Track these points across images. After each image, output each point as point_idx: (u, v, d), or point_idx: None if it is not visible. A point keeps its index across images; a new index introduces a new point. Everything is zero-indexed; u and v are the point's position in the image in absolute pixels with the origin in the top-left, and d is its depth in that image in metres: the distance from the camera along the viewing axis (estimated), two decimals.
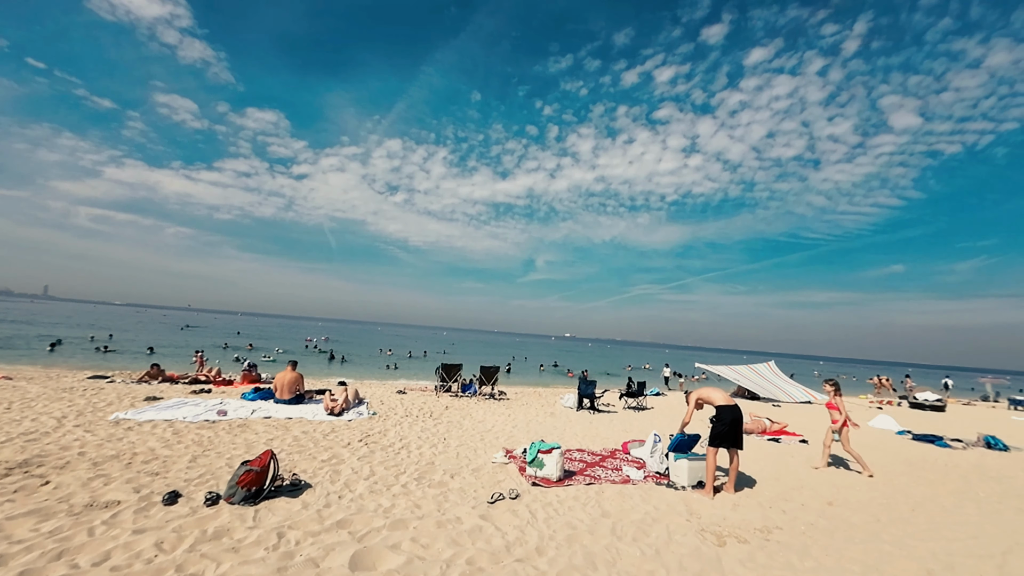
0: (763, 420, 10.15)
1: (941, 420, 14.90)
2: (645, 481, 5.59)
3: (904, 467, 7.40)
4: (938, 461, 8.01)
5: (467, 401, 11.62)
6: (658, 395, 16.83)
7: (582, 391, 11.19)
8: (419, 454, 6.19)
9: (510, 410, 10.78)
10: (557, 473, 5.30)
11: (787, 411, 14.61)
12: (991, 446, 9.90)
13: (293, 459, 5.53)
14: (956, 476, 6.97)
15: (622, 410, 12.14)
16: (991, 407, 20.98)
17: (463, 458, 6.15)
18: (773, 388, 18.40)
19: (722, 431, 5.23)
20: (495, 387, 12.70)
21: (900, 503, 5.39)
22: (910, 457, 8.24)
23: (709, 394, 5.56)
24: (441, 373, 12.20)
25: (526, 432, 8.33)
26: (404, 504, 4.29)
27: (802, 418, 12.91)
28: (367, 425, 7.82)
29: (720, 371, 19.62)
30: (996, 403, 22.70)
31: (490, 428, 8.42)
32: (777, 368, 20.25)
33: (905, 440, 10.31)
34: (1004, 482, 6.76)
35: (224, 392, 10.25)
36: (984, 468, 7.68)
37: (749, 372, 19.64)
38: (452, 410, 10.15)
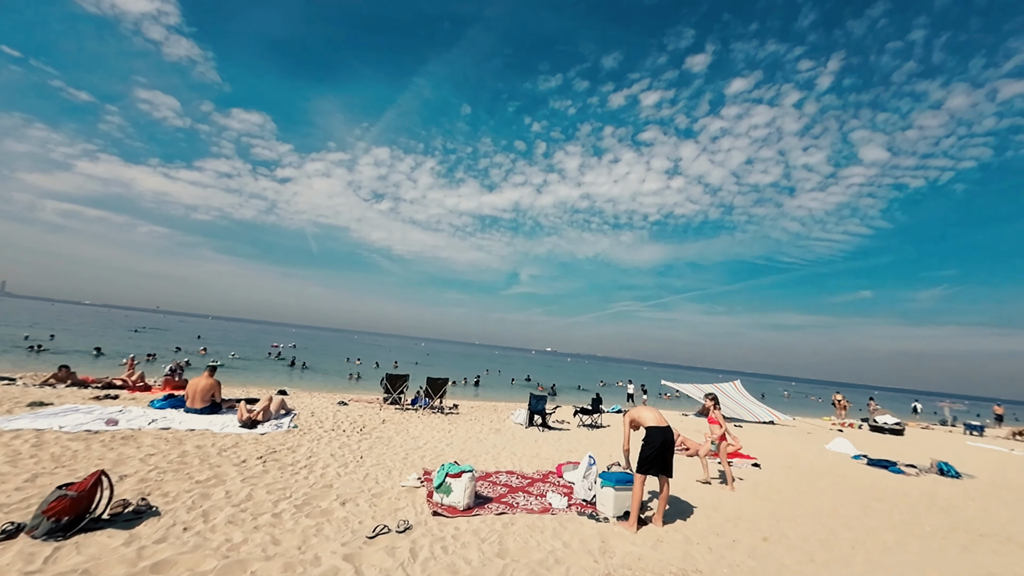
0: None
1: (899, 444, 14.81)
2: (568, 510, 5.00)
3: (853, 495, 7.02)
4: (889, 489, 7.68)
5: (410, 415, 10.87)
6: (620, 412, 16.34)
7: (532, 407, 10.59)
8: (320, 475, 5.47)
9: (454, 426, 10.08)
10: (465, 501, 4.66)
11: (748, 431, 14.30)
12: (944, 473, 9.68)
13: (162, 479, 4.75)
14: (905, 506, 6.61)
15: (576, 428, 11.57)
16: (948, 431, 21.22)
17: (370, 480, 5.46)
18: (738, 408, 18.16)
19: (650, 455, 4.71)
20: (443, 400, 11.97)
21: (841, 539, 4.94)
22: (861, 484, 7.89)
23: (640, 414, 5.05)
24: (385, 384, 11.43)
25: (460, 451, 7.66)
26: (260, 539, 3.59)
27: (761, 439, 12.59)
28: (280, 439, 7.03)
29: (686, 389, 19.33)
30: (953, 428, 23.03)
31: (421, 446, 7.73)
32: (743, 388, 20.08)
33: (859, 465, 10.03)
34: (952, 514, 6.42)
35: (135, 399, 9.27)
36: (934, 497, 7.36)
37: (714, 391, 19.40)
38: (389, 424, 9.40)
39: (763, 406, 18.94)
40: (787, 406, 35.82)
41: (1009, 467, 11.63)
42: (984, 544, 5.17)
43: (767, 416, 18.02)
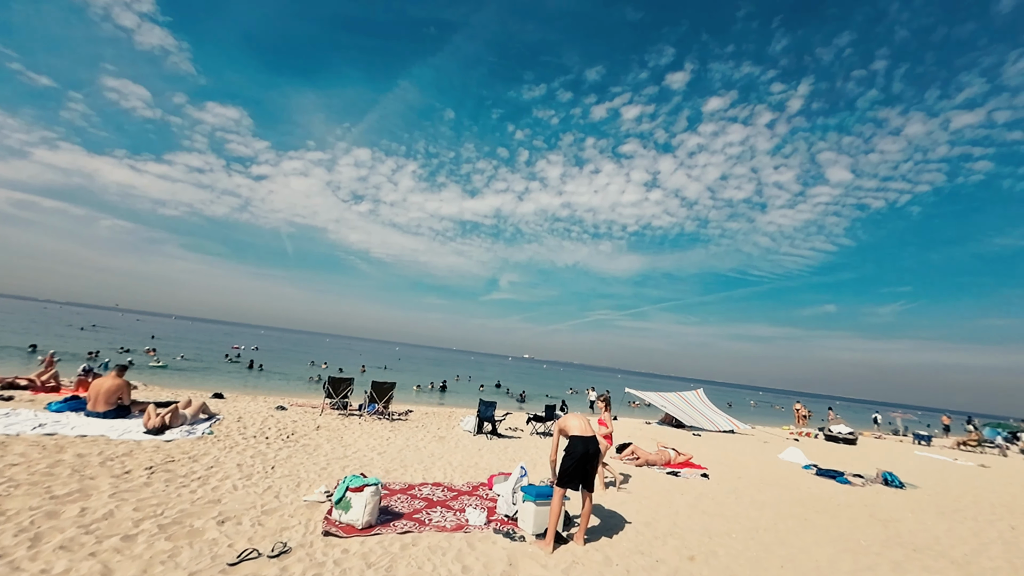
0: (668, 451, 9.49)
1: (851, 453, 15.02)
2: (486, 527, 4.56)
3: (796, 508, 6.84)
4: (832, 500, 7.56)
5: (352, 421, 10.23)
6: None
7: (481, 413, 10.12)
8: (213, 488, 4.86)
9: (395, 433, 9.50)
10: (365, 518, 4.16)
11: (707, 440, 14.22)
12: (888, 483, 9.72)
13: (9, 494, 4.07)
14: (845, 519, 6.45)
15: (529, 436, 11.15)
16: (899, 441, 21.84)
17: (270, 494, 4.88)
18: (699, 416, 18.15)
19: (569, 468, 4.32)
20: (389, 406, 11.35)
21: (773, 557, 4.67)
22: (806, 496, 7.75)
23: (566, 422, 4.68)
24: (327, 388, 10.75)
25: (391, 460, 7.13)
26: (87, 569, 3.01)
27: (717, 448, 12.47)
28: (186, 447, 6.34)
29: (649, 397, 19.22)
30: (904, 437, 23.77)
31: (349, 455, 7.15)
32: (705, 396, 20.15)
33: (809, 475, 9.97)
34: (890, 527, 6.30)
35: (34, 401, 8.34)
36: (875, 508, 7.27)
37: (677, 399, 19.37)
38: (322, 431, 8.75)
39: (724, 415, 19.02)
40: (752, 415, 36.49)
41: (951, 477, 11.86)
42: (917, 560, 5.01)
43: (727, 425, 18.07)
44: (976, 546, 5.80)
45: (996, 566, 5.10)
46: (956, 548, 5.61)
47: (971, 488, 10.39)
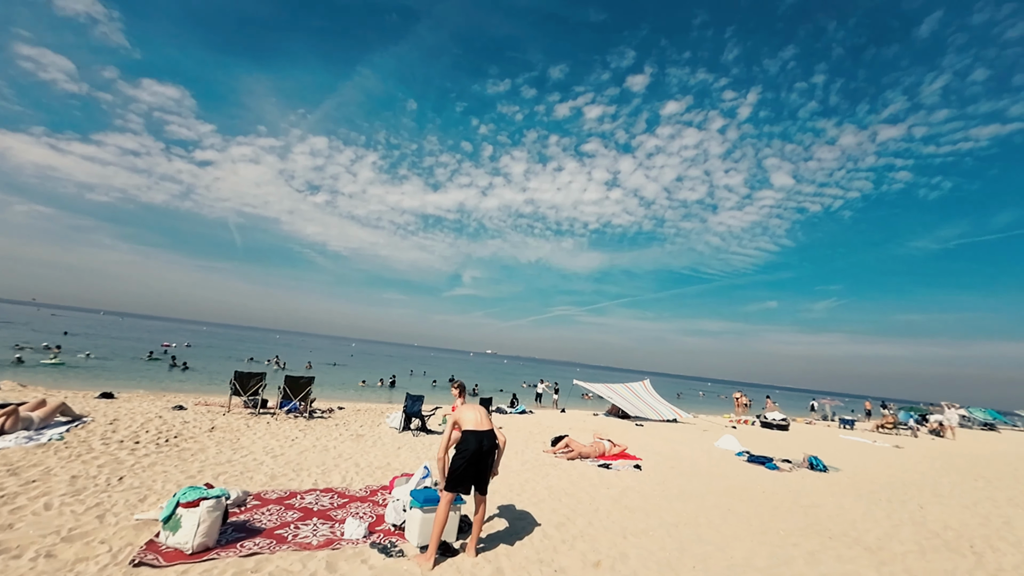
0: (603, 443, 9.17)
1: (784, 439, 15.56)
2: (363, 541, 3.86)
3: (722, 497, 6.63)
4: (758, 487, 7.47)
5: (260, 421, 9.15)
6: (524, 413, 15.62)
7: (407, 409, 9.35)
8: (12, 510, 3.83)
9: (307, 432, 8.56)
10: (196, 540, 3.34)
11: (648, 429, 14.18)
12: (813, 467, 9.92)
13: None
14: (767, 508, 6.30)
15: None
16: (827, 426, 23.17)
17: (91, 515, 3.92)
18: (644, 406, 18.27)
19: (459, 468, 3.71)
20: (308, 403, 10.31)
21: (686, 558, 4.29)
22: (733, 484, 7.62)
23: (461, 415, 4.06)
24: (233, 384, 9.58)
25: (288, 464, 6.24)
26: None
27: (656, 438, 12.38)
28: (14, 457, 5.16)
29: (597, 389, 19.15)
30: (832, 422, 25.30)
31: (236, 460, 6.19)
32: (651, 387, 20.38)
33: (740, 462, 10.01)
34: (810, 513, 6.20)
35: None
36: (799, 494, 7.24)
37: (624, 391, 19.45)
38: (217, 433, 7.68)
39: (667, 404, 19.29)
40: (699, 405, 37.90)
41: (870, 458, 12.42)
42: (832, 549, 4.83)
43: (670, 415, 18.32)
44: (888, 528, 5.78)
45: (906, 550, 5.03)
46: (870, 532, 5.55)
47: (886, 469, 10.85)
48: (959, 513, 6.96)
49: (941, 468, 11.69)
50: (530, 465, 7.55)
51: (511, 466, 7.35)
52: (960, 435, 24.36)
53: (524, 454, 8.43)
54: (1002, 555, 5.08)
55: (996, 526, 6.35)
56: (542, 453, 8.66)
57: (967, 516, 6.82)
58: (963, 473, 11.12)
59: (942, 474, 10.78)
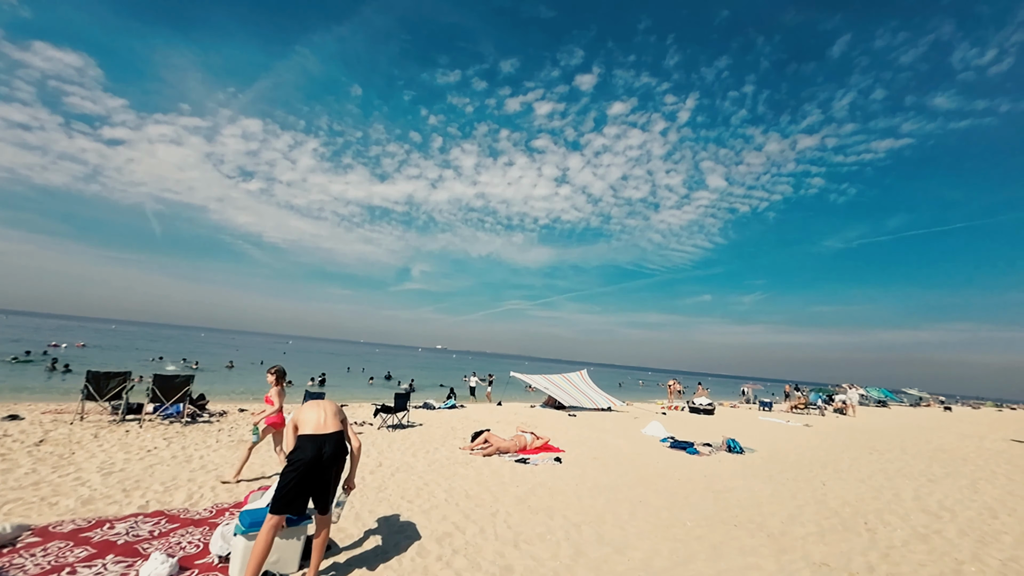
0: (525, 436, 8.67)
1: (709, 423, 16.13)
2: None
3: (636, 488, 6.32)
4: (675, 474, 7.31)
5: (119, 428, 7.66)
6: (453, 407, 14.89)
7: None
8: None
9: (178, 441, 7.24)
10: None
11: (581, 419, 13.98)
12: (731, 449, 10.11)
13: None
14: (679, 497, 6.06)
15: (376, 430, 9.59)
16: (749, 409, 24.69)
17: None
18: (580, 396, 18.24)
19: (288, 484, 2.89)
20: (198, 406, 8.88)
21: (579, 567, 3.78)
22: (651, 473, 7.40)
23: (301, 415, 3.24)
24: (87, 387, 7.95)
25: (120, 482, 5.05)
26: None
27: (584, 427, 12.14)
28: None
29: (534, 380, 18.84)
30: (753, 406, 27.04)
31: (43, 481, 4.89)
32: (588, 377, 20.45)
33: (663, 448, 9.98)
34: (720, 499, 6.04)
35: None
36: (712, 478, 7.15)
37: (561, 381, 19.32)
38: (46, 446, 6.19)
39: (602, 394, 19.43)
40: (639, 392, 39.28)
41: (782, 438, 13.06)
42: (735, 540, 4.58)
43: (605, 403, 18.44)
44: (793, 510, 5.73)
45: (807, 532, 4.92)
46: (775, 515, 5.44)
47: (796, 448, 11.38)
48: (856, 488, 7.21)
49: (843, 444, 12.52)
50: (438, 465, 6.84)
51: (416, 467, 6.60)
52: (859, 412, 27.04)
53: (437, 452, 7.70)
54: (892, 530, 5.13)
55: (887, 499, 6.58)
56: (457, 451, 7.99)
57: (863, 490, 7.06)
58: (860, 448, 11.94)
59: (843, 450, 11.49)
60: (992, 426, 23.03)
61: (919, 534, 5.05)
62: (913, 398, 48.92)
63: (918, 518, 5.67)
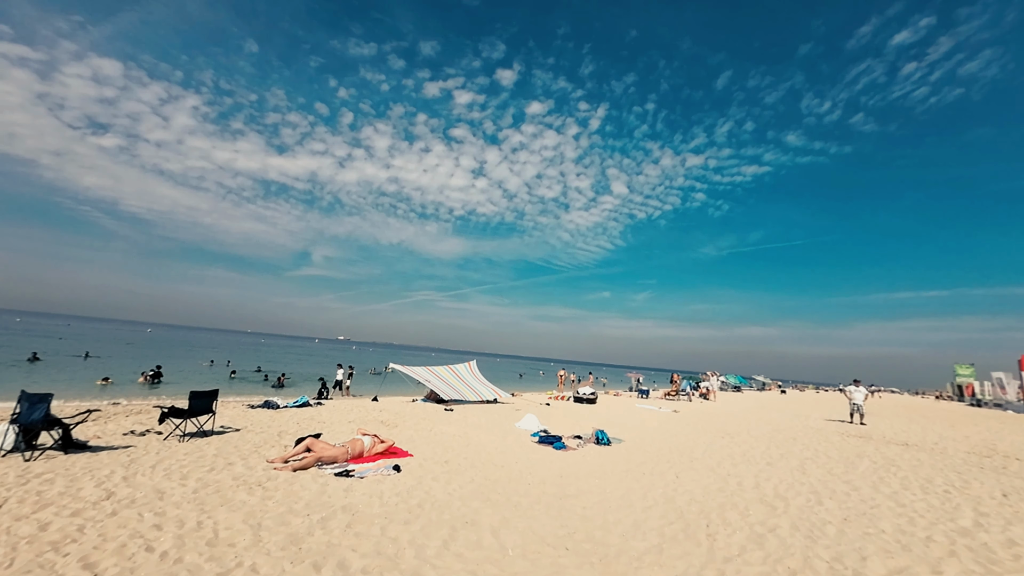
0: (362, 440, 7.13)
1: (589, 412, 16.19)
2: None
3: (468, 503, 5.22)
4: (525, 479, 6.42)
5: None
6: (305, 405, 12.71)
7: (21, 418, 5.68)
8: None
9: None
10: None
11: (457, 413, 12.76)
12: (599, 441, 9.75)
13: None
14: (519, 511, 5.10)
15: (163, 440, 7.22)
16: (630, 397, 26.08)
17: None
18: (464, 388, 17.14)
19: None
20: None
21: None
22: (501, 477, 6.43)
23: None
24: None
25: None
26: None
27: (456, 424, 10.93)
28: None
29: (415, 373, 17.23)
30: (634, 393, 28.77)
31: None
32: (476, 368, 19.47)
33: (530, 444, 9.21)
34: (564, 510, 5.22)
35: None
36: (565, 481, 6.40)
37: (446, 373, 18.02)
38: None
39: (488, 385, 18.59)
40: (538, 383, 39.81)
41: (650, 425, 13.37)
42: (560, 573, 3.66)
43: (490, 395, 17.61)
44: (639, 515, 5.12)
45: (647, 547, 4.24)
46: (619, 526, 4.73)
47: (661, 435, 11.56)
48: (705, 478, 7.05)
49: (701, 429, 13.17)
50: (210, 490, 5.00)
51: (171, 496, 4.70)
52: (720, 397, 30.39)
53: (224, 471, 5.78)
54: (731, 532, 4.72)
55: (731, 490, 6.42)
56: (259, 466, 6.16)
57: (711, 480, 6.91)
58: (715, 432, 12.63)
59: (701, 434, 11.98)
60: (814, 405, 27.39)
61: (756, 535, 4.69)
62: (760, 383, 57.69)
63: (756, 512, 5.45)
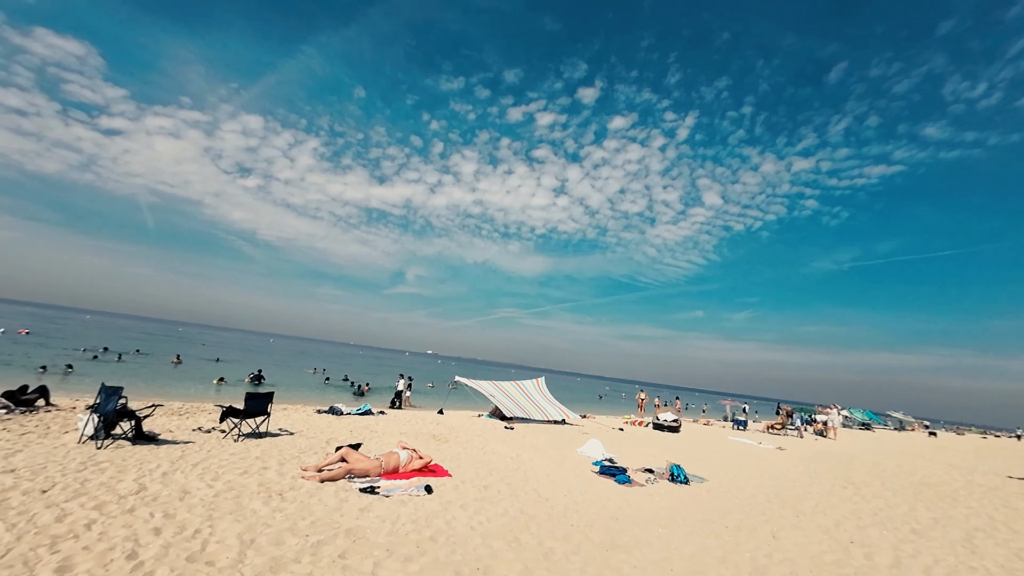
0: (399, 454, 6.69)
1: (670, 441, 14.25)
2: None
3: (490, 542, 4.39)
4: (573, 518, 5.39)
5: None
6: (367, 413, 12.87)
7: (100, 408, 6.21)
8: None
9: None
10: None
11: (519, 432, 11.96)
12: (674, 478, 8.24)
13: None
14: (548, 564, 4.15)
15: (222, 439, 7.54)
16: (723, 427, 22.83)
17: None
18: (529, 407, 16.28)
19: None
20: None
21: None
22: (541, 512, 5.48)
23: None
24: None
25: None
26: None
27: (513, 445, 10.12)
28: None
29: (481, 387, 16.85)
30: (728, 423, 25.20)
31: None
32: (544, 386, 18.51)
33: (589, 474, 8.06)
34: (605, 569, 4.13)
35: None
36: (620, 526, 5.23)
37: (513, 389, 17.37)
38: None
39: (557, 405, 17.47)
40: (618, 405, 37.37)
41: (746, 463, 11.18)
42: None
43: (557, 415, 16.49)
44: None
45: None
46: None
47: (758, 476, 9.52)
48: (816, 542, 5.34)
49: (815, 472, 10.67)
50: (235, 493, 4.86)
51: (194, 497, 4.62)
52: (842, 435, 25.29)
53: (256, 475, 5.70)
54: None
55: (856, 565, 4.71)
56: (291, 473, 6.00)
57: (824, 546, 5.20)
58: (835, 478, 10.10)
59: (813, 480, 9.64)
60: (979, 456, 21.35)
61: None
62: (897, 421, 47.33)
63: None
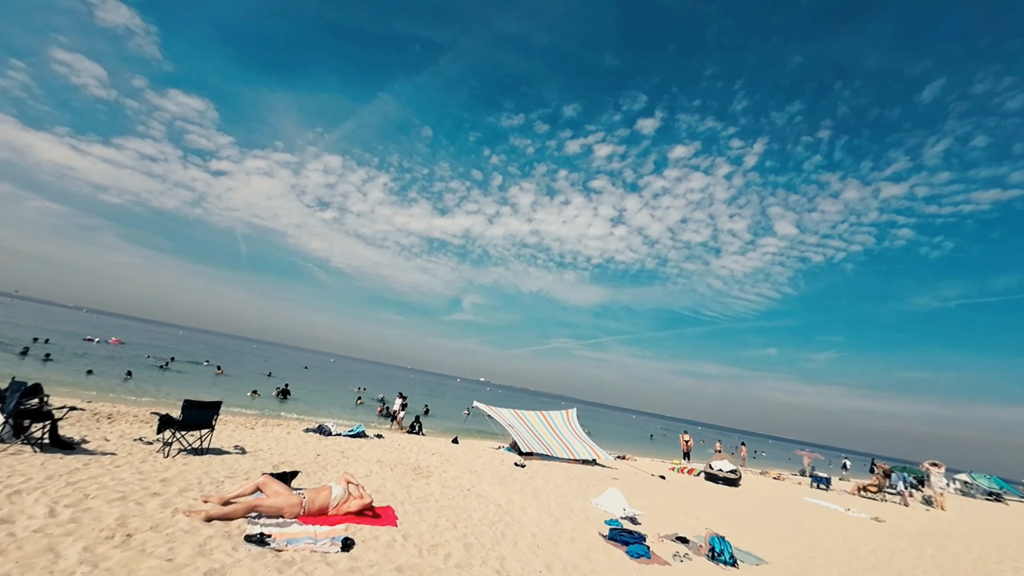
0: (332, 489, 5.24)
1: (724, 497, 11.46)
2: None
3: None
4: None
5: None
6: (359, 436, 11.57)
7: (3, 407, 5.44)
8: None
9: None
10: None
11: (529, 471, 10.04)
12: (715, 555, 5.97)
13: None
14: None
15: (154, 452, 6.54)
16: (798, 483, 18.83)
17: None
18: (552, 441, 14.19)
19: None
20: None
21: None
22: None
23: None
24: None
25: None
26: None
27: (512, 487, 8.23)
28: None
29: (499, 414, 15.08)
30: (805, 479, 20.87)
31: None
32: (574, 419, 16.31)
33: (594, 538, 6.04)
34: None
35: None
36: None
37: (536, 420, 15.39)
38: None
39: (586, 442, 15.13)
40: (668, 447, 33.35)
41: (825, 539, 8.32)
42: None
43: (587, 454, 14.20)
44: None
45: None
46: None
47: (841, 560, 6.83)
48: None
49: (921, 561, 7.59)
50: (79, 533, 3.66)
51: (26, 530, 3.49)
52: (960, 505, 19.90)
53: (145, 505, 4.50)
54: None
55: None
56: (192, 501, 4.74)
57: None
58: (955, 568, 7.05)
59: (927, 569, 6.74)
60: None
61: None
62: None
63: None
